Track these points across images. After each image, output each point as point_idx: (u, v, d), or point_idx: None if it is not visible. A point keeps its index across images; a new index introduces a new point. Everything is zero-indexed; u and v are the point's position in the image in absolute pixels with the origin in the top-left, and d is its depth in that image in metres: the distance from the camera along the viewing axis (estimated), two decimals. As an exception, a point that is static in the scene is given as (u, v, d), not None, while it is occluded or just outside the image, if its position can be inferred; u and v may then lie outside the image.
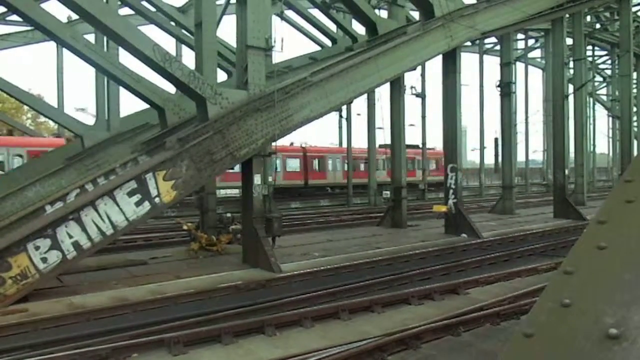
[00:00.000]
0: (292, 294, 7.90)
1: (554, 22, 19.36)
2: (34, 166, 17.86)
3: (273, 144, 10.45)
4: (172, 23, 17.38)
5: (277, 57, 12.00)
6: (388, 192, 16.87)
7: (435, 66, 25.75)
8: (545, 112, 35.50)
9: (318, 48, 18.66)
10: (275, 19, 11.71)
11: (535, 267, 9.84)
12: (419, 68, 27.18)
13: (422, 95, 28.49)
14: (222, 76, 15.82)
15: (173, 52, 16.71)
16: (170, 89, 12.93)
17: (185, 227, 12.82)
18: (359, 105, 47.23)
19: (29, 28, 19.14)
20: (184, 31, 17.31)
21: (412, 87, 26.17)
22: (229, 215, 13.51)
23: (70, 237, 7.69)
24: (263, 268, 9.64)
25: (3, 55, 22.18)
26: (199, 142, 9.12)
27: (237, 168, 13.09)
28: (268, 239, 10.15)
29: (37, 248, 7.40)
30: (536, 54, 37.72)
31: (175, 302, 7.69)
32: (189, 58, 21.44)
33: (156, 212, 9.00)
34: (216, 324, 6.31)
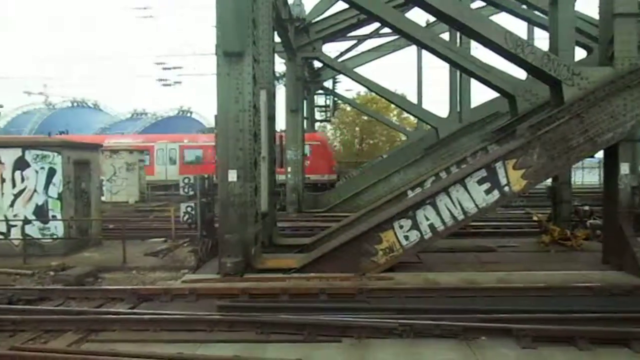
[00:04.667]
0: (671, 309, 6.48)
1: None
2: (398, 156, 20.60)
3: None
4: (524, 6, 16.70)
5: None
6: None
7: None
8: None
9: None
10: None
11: None
12: None
13: None
14: (580, 54, 14.22)
15: (524, 37, 16.12)
16: (521, 75, 12.56)
17: (535, 218, 12.34)
18: None
19: (395, 37, 22.08)
20: (536, 12, 16.38)
21: None
22: (586, 208, 12.16)
23: (427, 219, 8.59)
24: (629, 272, 8.26)
25: (376, 63, 26.47)
26: (552, 129, 8.54)
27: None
28: (637, 239, 8.62)
29: (401, 227, 8.61)
30: None
31: (522, 293, 7.52)
32: (541, 40, 20.19)
33: (505, 200, 9.00)
34: (568, 324, 5.85)
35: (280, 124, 20.74)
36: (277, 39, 16.06)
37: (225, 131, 8.89)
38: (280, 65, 21.15)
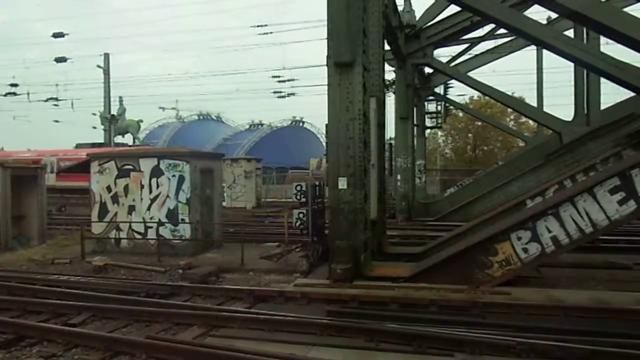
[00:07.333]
0: None
1: None
2: (515, 163, 19.42)
3: None
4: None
5: None
6: None
7: None
8: None
9: None
10: None
11: None
12: None
13: None
14: None
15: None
16: (664, 71, 11.13)
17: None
18: None
19: (512, 38, 20.83)
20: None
21: None
22: None
23: (549, 231, 7.95)
24: None
25: (491, 66, 25.19)
26: None
27: None
28: None
29: (519, 238, 8.07)
30: None
31: (667, 318, 6.64)
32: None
33: (644, 212, 8.00)
34: None
35: (390, 131, 20.75)
36: (387, 47, 16.06)
37: (336, 139, 9.09)
38: (390, 73, 21.11)
